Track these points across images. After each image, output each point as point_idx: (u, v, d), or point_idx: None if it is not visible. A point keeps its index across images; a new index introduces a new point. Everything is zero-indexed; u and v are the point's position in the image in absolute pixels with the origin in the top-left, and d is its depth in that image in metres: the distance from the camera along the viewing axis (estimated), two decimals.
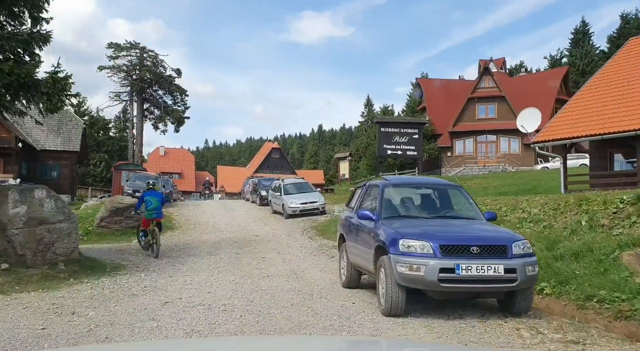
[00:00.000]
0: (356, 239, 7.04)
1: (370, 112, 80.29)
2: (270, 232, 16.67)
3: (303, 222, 18.73)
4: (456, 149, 44.02)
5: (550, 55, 60.70)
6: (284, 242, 14.32)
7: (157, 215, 12.42)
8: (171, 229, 17.34)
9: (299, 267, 10.22)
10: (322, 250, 12.83)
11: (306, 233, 16.35)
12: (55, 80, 9.72)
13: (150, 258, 11.85)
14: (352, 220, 7.48)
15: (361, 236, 6.80)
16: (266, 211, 23.34)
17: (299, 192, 21.40)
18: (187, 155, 77.70)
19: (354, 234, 7.17)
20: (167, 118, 41.28)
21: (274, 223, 19.29)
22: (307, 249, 12.90)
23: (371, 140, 51.54)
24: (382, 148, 34.91)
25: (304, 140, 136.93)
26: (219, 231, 17.19)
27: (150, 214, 12.32)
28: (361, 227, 6.85)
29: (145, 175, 26.90)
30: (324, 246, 13.40)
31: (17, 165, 32.88)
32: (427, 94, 46.80)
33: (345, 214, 8.32)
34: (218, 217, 20.99)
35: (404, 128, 34.92)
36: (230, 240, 14.81)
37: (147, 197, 12.53)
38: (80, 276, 9.40)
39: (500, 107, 43.16)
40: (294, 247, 13.40)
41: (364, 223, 6.69)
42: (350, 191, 10.25)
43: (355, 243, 7.07)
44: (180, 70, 40.55)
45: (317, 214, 20.37)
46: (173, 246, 13.82)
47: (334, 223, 17.27)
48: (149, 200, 12.43)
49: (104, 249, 13.26)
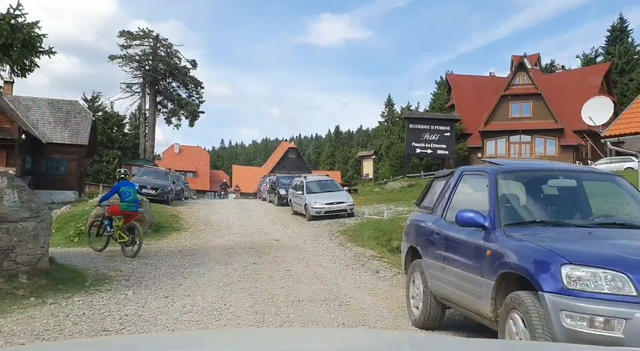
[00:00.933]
0: (444, 257, 4.49)
1: (391, 111, 77.74)
2: (292, 236, 14.17)
3: (329, 225, 16.21)
4: (487, 150, 41.06)
5: (584, 54, 57.53)
6: (310, 250, 11.80)
7: (133, 208, 10.84)
8: (177, 230, 14.93)
9: (339, 288, 7.68)
10: (359, 261, 10.28)
11: (335, 238, 13.81)
12: (15, 27, 7.28)
13: (147, 267, 9.41)
14: (431, 226, 4.92)
15: (458, 252, 4.25)
16: (285, 212, 20.88)
17: (323, 190, 18.89)
18: (202, 153, 75.66)
19: (440, 248, 4.62)
20: (181, 112, 38.92)
21: (296, 225, 16.79)
22: (340, 260, 10.35)
23: (395, 139, 48.90)
24: (411, 147, 32.24)
25: (320, 141, 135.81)
26: (232, 234, 14.75)
27: (128, 206, 10.67)
28: (457, 239, 4.31)
29: (153, 170, 24.62)
30: (361, 256, 10.85)
31: (20, 158, 30.86)
32: (455, 91, 43.96)
33: (417, 217, 5.73)
34: (232, 218, 18.57)
35: (435, 124, 32.21)
36: (245, 246, 12.34)
37: (124, 188, 10.75)
38: (45, 293, 6.99)
39: (535, 105, 40.19)
40: (324, 256, 10.87)
41: (464, 233, 4.16)
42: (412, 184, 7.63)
43: (442, 262, 4.53)
44: (196, 62, 38.27)
45: (344, 216, 17.85)
46: (177, 251, 11.38)
47: (366, 227, 14.72)
48: (126, 191, 10.74)
49: (92, 254, 10.87)
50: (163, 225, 15.17)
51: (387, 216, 15.81)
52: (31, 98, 36.14)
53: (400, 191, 27.11)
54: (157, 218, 15.59)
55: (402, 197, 24.09)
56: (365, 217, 17.47)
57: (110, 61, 37.18)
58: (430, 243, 4.87)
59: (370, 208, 19.86)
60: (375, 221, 15.55)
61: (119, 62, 37.39)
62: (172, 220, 16.43)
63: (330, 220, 17.10)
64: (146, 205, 14.22)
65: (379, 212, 18.43)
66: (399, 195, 24.87)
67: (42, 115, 35.23)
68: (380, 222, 15.06)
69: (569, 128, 38.99)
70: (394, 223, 14.23)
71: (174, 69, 37.75)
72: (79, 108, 36.71)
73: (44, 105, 35.66)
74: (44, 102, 36.03)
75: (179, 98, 38.78)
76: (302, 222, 17.58)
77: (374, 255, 11.01)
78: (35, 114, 35.12)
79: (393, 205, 20.81)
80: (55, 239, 13.37)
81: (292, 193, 20.37)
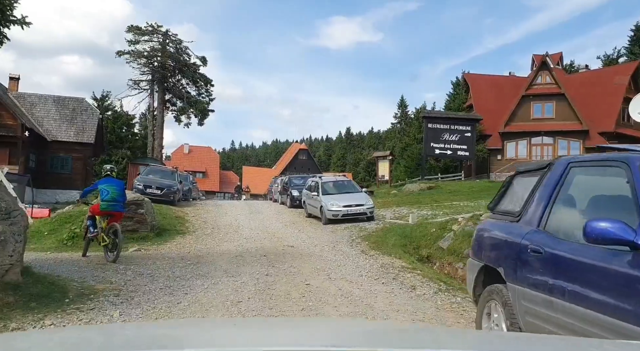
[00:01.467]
0: (554, 287, 2.96)
1: (404, 113, 76.21)
2: (308, 242, 12.77)
3: (347, 230, 14.80)
4: (507, 152, 39.36)
5: (606, 54, 55.65)
6: (330, 258, 10.39)
7: (115, 208, 9.62)
8: (182, 234, 13.59)
9: (373, 310, 6.25)
10: (389, 273, 8.84)
11: (356, 245, 12.39)
12: None
13: (143, 277, 8.06)
14: (523, 240, 3.42)
15: (585, 283, 2.72)
16: (299, 214, 19.52)
17: (340, 192, 17.48)
18: (212, 154, 74.59)
19: (544, 273, 3.08)
20: (190, 110, 37.64)
21: (311, 229, 15.39)
22: (367, 272, 8.92)
23: (410, 140, 47.36)
24: (429, 147, 30.69)
25: (331, 143, 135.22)
26: (242, 238, 13.38)
27: (106, 206, 9.47)
28: (582, 263, 2.79)
29: (159, 168, 23.37)
30: (389, 267, 9.41)
31: (23, 156, 29.82)
32: (474, 91, 42.32)
33: (493, 226, 4.21)
34: (242, 220, 17.23)
35: (455, 124, 30.64)
36: (257, 252, 10.96)
37: (103, 186, 9.60)
38: (11, 314, 5.66)
39: (558, 106, 38.44)
40: (347, 266, 9.44)
41: (594, 253, 2.71)
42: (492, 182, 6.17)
43: (550, 295, 3.00)
44: (206, 58, 36.90)
45: (363, 220, 16.44)
46: (179, 259, 10.01)
47: (390, 233, 13.28)
48: (104, 189, 9.52)
49: (82, 261, 9.54)
50: (166, 228, 13.85)
51: (413, 221, 14.35)
52: (37, 95, 35.19)
53: (419, 194, 25.63)
54: (161, 220, 14.29)
55: (423, 199, 22.61)
56: (387, 221, 16.03)
57: (118, 57, 36.09)
58: (522, 265, 3.40)
59: (390, 212, 18.42)
60: (400, 226, 14.11)
61: (127, 58, 36.24)
62: (177, 222, 15.13)
63: (349, 224, 15.69)
64: (148, 206, 12.91)
65: (402, 216, 16.98)
66: (419, 198, 23.40)
67: (47, 112, 34.23)
68: (405, 227, 13.62)
69: (595, 130, 37.21)
70: (422, 229, 12.79)
71: (184, 66, 36.51)
72: (86, 105, 35.69)
73: (49, 102, 34.68)
74: (50, 98, 35.06)
75: (188, 96, 37.50)
76: (318, 226, 16.20)
77: (404, 266, 9.57)
78: (41, 111, 34.13)
79: (415, 209, 19.34)
80: (47, 243, 12.12)
81: (306, 195, 19.00)
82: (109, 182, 9.94)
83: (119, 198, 9.77)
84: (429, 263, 11.47)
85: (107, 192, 9.65)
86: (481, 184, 28.97)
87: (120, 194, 9.85)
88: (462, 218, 12.34)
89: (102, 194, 9.65)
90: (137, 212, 12.44)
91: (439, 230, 12.21)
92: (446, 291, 7.51)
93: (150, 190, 19.94)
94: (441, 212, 17.76)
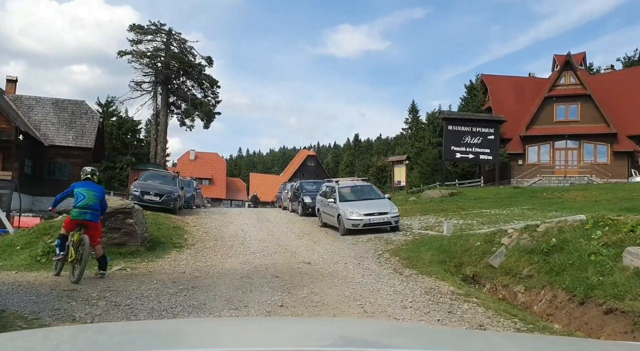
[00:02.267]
0: None
1: (416, 118, 74.23)
2: (327, 257, 10.78)
3: (371, 242, 12.80)
4: (529, 156, 37.19)
5: (627, 56, 53.56)
6: (358, 279, 8.39)
7: (87, 217, 7.96)
8: (178, 248, 11.62)
9: None
10: (439, 303, 6.82)
11: (385, 261, 10.37)
12: None
13: (118, 311, 6.10)
14: None
15: None
16: (312, 223, 17.54)
17: (360, 198, 15.49)
18: (219, 160, 72.78)
19: None
20: (195, 112, 35.77)
21: (328, 241, 13.40)
22: (411, 301, 6.90)
23: (424, 144, 45.35)
24: (450, 151, 28.62)
25: (339, 150, 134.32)
26: (249, 253, 11.41)
27: (78, 213, 7.93)
28: None
29: (159, 173, 21.45)
30: (436, 293, 7.39)
31: (18, 162, 28.06)
32: (492, 93, 40.26)
33: None
34: (249, 231, 15.27)
35: (477, 126, 28.58)
36: (267, 272, 8.99)
37: (79, 189, 8.15)
38: None
39: (584, 108, 36.28)
40: (383, 292, 7.43)
41: None
42: None
43: None
44: (212, 59, 35.06)
45: (387, 231, 14.45)
46: (170, 282, 8.03)
47: (423, 246, 11.31)
48: (80, 193, 8.06)
49: (49, 284, 7.60)
50: (161, 240, 11.91)
51: (448, 232, 12.33)
52: (34, 98, 33.57)
53: (441, 200, 23.57)
54: (155, 231, 12.35)
55: (448, 207, 20.57)
56: (415, 231, 14.00)
57: (119, 57, 34.35)
58: None
59: (416, 221, 16.39)
60: (433, 238, 12.09)
61: (129, 58, 34.48)
62: (174, 233, 13.19)
63: (371, 235, 13.68)
64: (138, 214, 10.97)
65: (431, 226, 14.98)
66: (443, 206, 21.35)
67: (45, 115, 32.57)
68: (441, 239, 11.59)
69: (623, 133, 35.04)
70: (463, 242, 10.77)
71: (188, 66, 34.67)
72: (85, 108, 33.98)
73: (47, 104, 33.03)
74: (48, 101, 33.42)
75: (193, 98, 35.63)
76: (335, 237, 14.21)
77: (454, 291, 7.56)
78: (38, 114, 32.48)
79: (442, 217, 17.31)
80: (18, 259, 10.22)
81: (320, 202, 17.01)
82: (87, 186, 8.34)
83: (95, 206, 8.03)
84: (475, 284, 9.45)
85: (83, 197, 8.05)
86: (506, 190, 26.88)
87: (97, 202, 8.14)
88: (512, 230, 10.30)
89: (77, 199, 8.05)
90: (125, 222, 10.51)
91: (484, 244, 10.20)
92: (528, 331, 5.50)
93: (148, 196, 18.05)
94: (473, 220, 15.74)
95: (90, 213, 7.97)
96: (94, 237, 8.15)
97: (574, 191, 24.83)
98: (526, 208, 19.32)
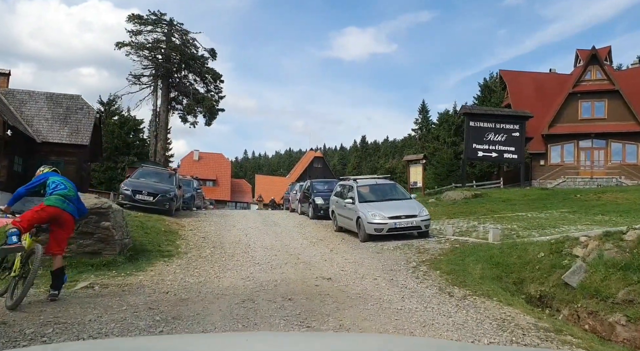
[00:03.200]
0: None
1: (426, 118, 72.05)
2: (349, 270, 8.66)
3: (399, 250, 10.69)
4: (551, 157, 34.90)
5: None
6: (397, 304, 6.28)
7: (70, 209, 6.28)
8: (167, 257, 9.52)
9: None
10: (525, 341, 4.70)
11: (422, 275, 8.24)
12: None
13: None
14: None
15: None
16: (325, 227, 15.46)
17: (382, 198, 13.38)
18: (224, 161, 70.76)
19: None
20: (197, 108, 33.68)
21: (347, 249, 11.28)
22: (487, 342, 4.76)
23: (439, 144, 43.17)
24: (471, 149, 26.41)
25: (345, 152, 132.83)
26: (254, 264, 9.31)
27: (61, 201, 6.18)
28: None
29: (154, 170, 19.43)
30: (514, 327, 5.28)
31: (7, 160, 26.11)
32: (511, 89, 38.04)
33: None
34: (254, 235, 13.19)
35: (501, 122, 26.37)
36: (276, 292, 6.89)
37: (55, 178, 6.54)
38: None
39: (611, 104, 33.99)
40: (437, 326, 5.33)
41: None
42: None
43: None
44: (215, 51, 32.92)
45: (414, 236, 12.35)
46: (144, 309, 5.91)
47: (469, 257, 9.19)
48: (59, 181, 6.45)
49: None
50: (147, 247, 9.81)
51: (494, 238, 10.18)
52: (27, 92, 31.66)
53: (465, 203, 21.43)
54: (140, 236, 10.27)
55: (476, 210, 18.45)
56: (449, 238, 11.85)
57: (117, 49, 32.34)
58: None
59: (446, 225, 14.24)
60: (477, 246, 9.94)
61: (127, 50, 32.45)
62: (164, 239, 11.09)
63: (398, 242, 11.57)
64: (117, 216, 8.89)
65: (466, 231, 12.85)
66: (469, 208, 19.23)
67: (38, 110, 30.61)
68: (488, 248, 9.45)
69: None
70: (519, 253, 8.63)
71: (190, 59, 32.63)
72: (81, 103, 31.99)
73: (41, 99, 31.07)
74: (42, 96, 31.48)
75: (195, 93, 33.55)
76: (355, 244, 12.09)
77: (536, 323, 5.42)
78: (31, 109, 30.51)
79: (475, 221, 15.19)
80: None
81: (335, 203, 14.90)
82: (63, 178, 6.72)
83: (75, 201, 6.41)
84: (545, 307, 7.31)
85: (64, 186, 6.39)
86: (534, 192, 24.70)
87: (76, 197, 6.51)
88: (585, 238, 8.15)
89: (57, 187, 6.34)
90: (100, 225, 8.44)
91: (551, 255, 8.06)
92: None
93: (141, 196, 16.03)
94: (513, 225, 13.62)
95: (72, 207, 6.28)
96: (61, 242, 6.25)
97: (610, 192, 22.63)
98: (565, 211, 17.16)
